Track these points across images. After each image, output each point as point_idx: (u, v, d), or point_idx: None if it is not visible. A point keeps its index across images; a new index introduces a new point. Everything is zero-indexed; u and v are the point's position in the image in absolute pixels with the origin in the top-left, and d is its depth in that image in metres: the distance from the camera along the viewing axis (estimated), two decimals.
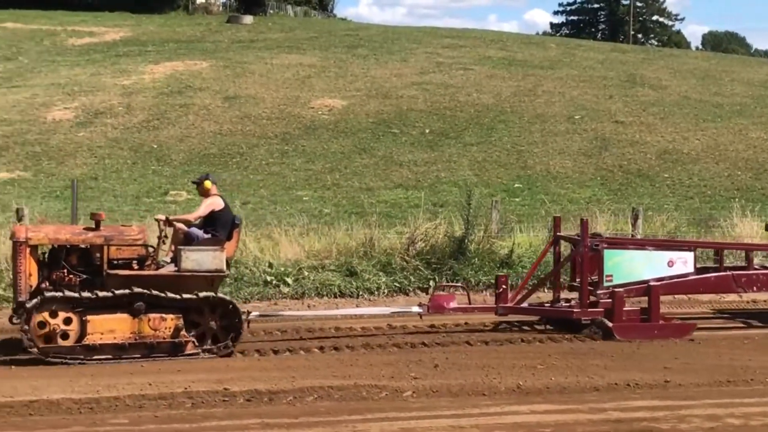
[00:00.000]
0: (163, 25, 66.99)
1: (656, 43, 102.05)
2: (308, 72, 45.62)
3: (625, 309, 14.00)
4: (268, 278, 16.92)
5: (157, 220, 13.27)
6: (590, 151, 32.96)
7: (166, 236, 13.15)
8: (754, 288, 15.07)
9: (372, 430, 9.25)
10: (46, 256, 12.92)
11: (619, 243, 15.27)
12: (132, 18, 69.57)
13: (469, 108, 38.54)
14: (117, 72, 45.93)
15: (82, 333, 12.16)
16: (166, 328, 12.39)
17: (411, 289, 16.66)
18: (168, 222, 13.14)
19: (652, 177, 30.38)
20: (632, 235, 18.61)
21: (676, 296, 16.43)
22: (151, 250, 12.99)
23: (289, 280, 16.90)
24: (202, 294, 12.50)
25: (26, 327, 11.99)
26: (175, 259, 12.76)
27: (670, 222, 20.82)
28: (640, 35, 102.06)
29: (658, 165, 31.71)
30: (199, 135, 35.23)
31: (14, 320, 12.52)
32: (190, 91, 41.42)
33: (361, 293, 16.95)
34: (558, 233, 15.45)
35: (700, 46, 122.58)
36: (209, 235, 13.15)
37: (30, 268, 12.40)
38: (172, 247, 13.23)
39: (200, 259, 12.60)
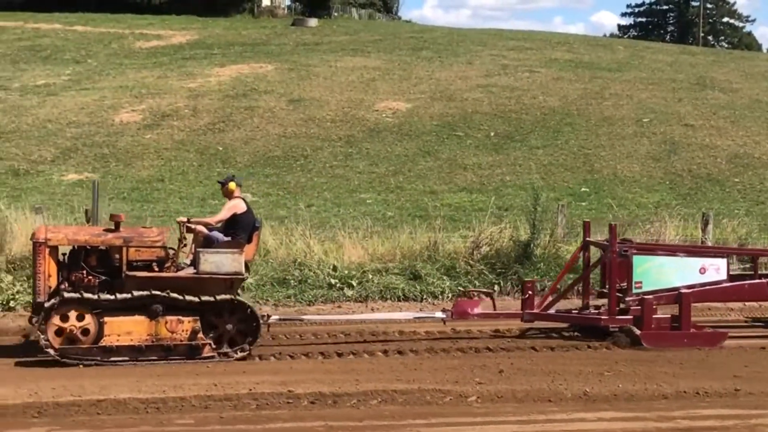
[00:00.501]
0: (229, 28, 67.50)
1: (726, 45, 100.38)
2: (372, 75, 45.64)
3: (655, 317, 13.67)
4: (332, 281, 16.92)
5: (178, 222, 13.27)
6: (659, 154, 32.48)
7: (185, 238, 13.12)
8: None
9: None
10: (66, 257, 12.89)
11: (649, 249, 14.89)
12: (198, 21, 70.22)
13: (534, 111, 38.25)
14: (183, 75, 46.37)
15: (99, 334, 12.18)
16: (183, 331, 12.35)
17: (475, 294, 16.49)
18: (188, 225, 13.15)
19: (722, 182, 29.86)
20: (702, 241, 18.25)
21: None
22: (171, 252, 12.99)
23: (353, 283, 16.89)
24: (219, 297, 12.46)
25: (44, 327, 12.05)
26: (194, 262, 12.75)
27: (741, 227, 20.38)
28: (710, 37, 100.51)
29: (728, 169, 31.13)
30: (264, 137, 35.42)
31: (33, 321, 12.54)
32: (255, 94, 41.67)
33: (425, 297, 16.88)
34: (587, 238, 15.14)
35: None
36: (229, 238, 13.11)
37: (49, 269, 12.42)
38: (193, 249, 13.22)
39: (219, 261, 12.52)
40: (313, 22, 71.83)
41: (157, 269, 12.72)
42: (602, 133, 34.82)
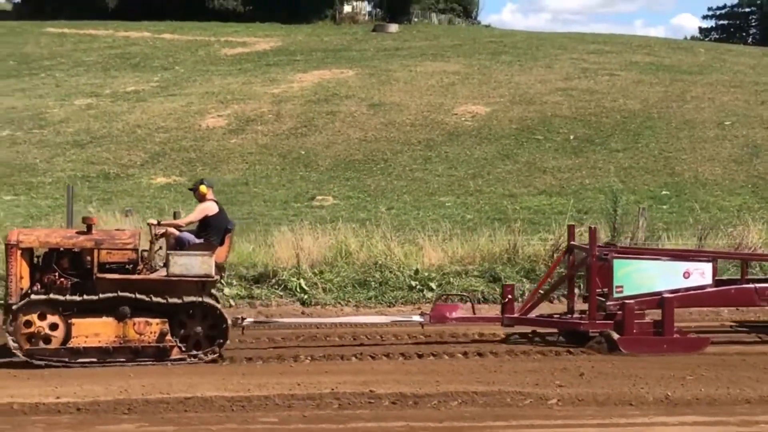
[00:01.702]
0: (311, 34, 67.96)
1: None
2: (452, 79, 45.57)
3: (637, 321, 13.07)
4: (413, 283, 16.89)
5: (149, 224, 13.18)
6: (741, 157, 31.82)
7: (157, 240, 13.03)
8: None
9: None
10: (40, 259, 12.79)
11: (631, 253, 14.34)
12: (281, 28, 70.81)
13: (615, 114, 37.81)
14: (267, 81, 46.80)
15: (68, 336, 12.12)
16: (151, 333, 12.23)
17: (555, 296, 16.28)
18: (158, 227, 13.07)
19: None
20: None
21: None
22: (145, 254, 12.89)
23: (433, 285, 16.84)
24: (187, 299, 12.34)
25: (11, 329, 12.04)
26: (165, 264, 12.63)
27: None
28: None
29: None
30: (345, 141, 35.54)
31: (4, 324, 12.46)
32: (336, 99, 41.87)
33: None
34: (572, 242, 14.65)
35: None
36: (201, 240, 13.00)
37: (21, 270, 12.38)
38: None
39: (188, 263, 12.40)
40: (393, 27, 71.96)
41: (130, 271, 12.58)
42: (683, 136, 34.26)
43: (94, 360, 12.09)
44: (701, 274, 13.50)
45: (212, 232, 13.04)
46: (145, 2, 77.09)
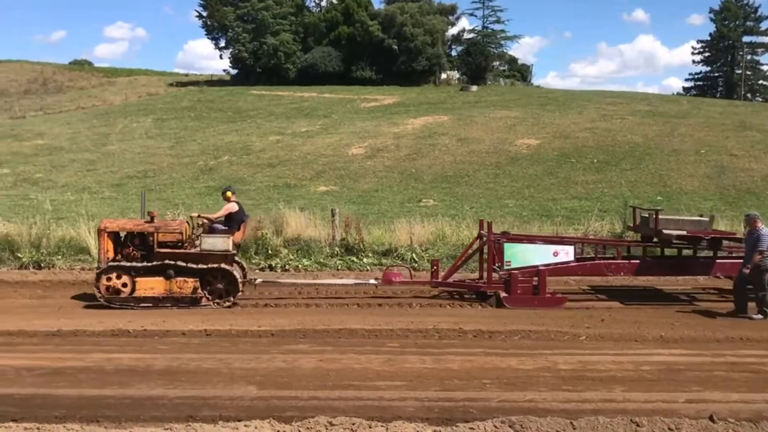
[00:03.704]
0: (420, 93, 68.01)
1: (761, 99, 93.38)
2: (513, 122, 44.98)
3: (520, 285, 12.36)
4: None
5: (191, 216, 13.16)
6: (712, 175, 30.74)
7: (199, 227, 12.95)
8: (621, 273, 13.08)
9: (558, 361, 8.95)
10: (123, 238, 12.79)
11: (516, 239, 13.32)
12: (400, 89, 71.10)
13: (624, 145, 36.82)
14: (390, 124, 46.99)
15: (133, 289, 12.08)
16: (187, 287, 12.10)
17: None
18: (200, 218, 13.03)
19: (758, 194, 27.94)
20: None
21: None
22: (192, 235, 12.78)
23: None
24: (212, 265, 12.18)
25: (97, 284, 12.09)
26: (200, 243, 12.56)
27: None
28: (749, 94, 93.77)
29: (763, 185, 29.19)
30: (441, 164, 35.43)
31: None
32: (436, 136, 41.77)
33: None
34: (481, 231, 13.71)
35: None
36: (225, 227, 12.91)
37: (107, 246, 12.38)
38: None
39: (214, 242, 12.29)
40: (474, 88, 71.63)
41: (178, 247, 12.45)
42: (672, 160, 33.30)
43: (150, 305, 12.02)
44: (566, 253, 12.87)
45: (233, 222, 12.97)
46: (312, 73, 78.33)
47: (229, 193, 13.17)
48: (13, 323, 10.51)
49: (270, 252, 15.75)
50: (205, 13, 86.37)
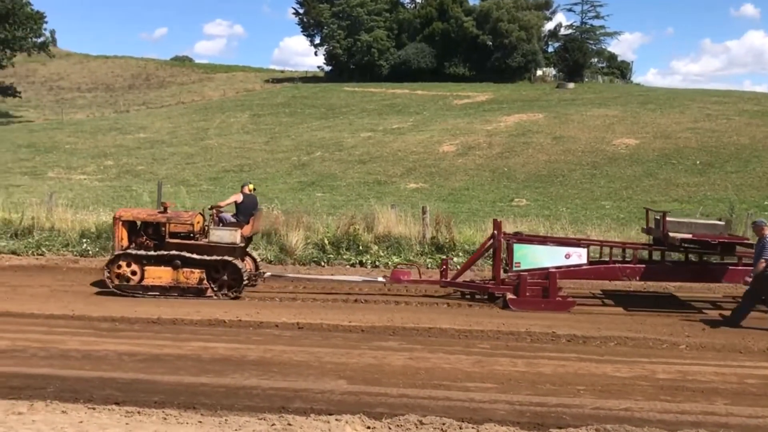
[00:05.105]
0: (514, 90, 67.12)
1: None
2: (611, 120, 43.80)
3: (529, 287, 12.01)
4: None
5: (210, 208, 13.21)
6: None
7: (213, 217, 13.02)
8: (636, 278, 12.44)
9: (656, 370, 8.65)
10: (137, 227, 12.98)
11: (526, 240, 12.80)
12: (494, 86, 70.38)
13: (730, 146, 35.23)
14: (483, 121, 46.62)
15: (142, 277, 12.27)
16: (193, 278, 12.24)
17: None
18: (212, 208, 13.14)
19: None
20: None
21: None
22: (205, 226, 12.89)
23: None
24: (217, 257, 12.24)
25: (108, 272, 12.33)
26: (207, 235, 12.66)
27: None
28: None
29: None
30: (535, 162, 34.90)
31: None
32: (530, 134, 41.16)
33: None
34: (494, 231, 13.09)
35: None
36: (234, 219, 12.95)
37: (122, 234, 12.68)
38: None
39: (221, 235, 12.43)
40: (571, 85, 70.11)
41: (189, 238, 12.61)
42: None
43: (157, 293, 12.25)
44: (579, 256, 12.40)
45: (241, 214, 13.08)
46: (405, 70, 78.59)
47: (250, 186, 13.48)
48: (116, 310, 11.05)
49: (361, 248, 15.89)
50: (301, 11, 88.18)
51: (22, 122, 59.66)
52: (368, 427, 6.53)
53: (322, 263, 15.38)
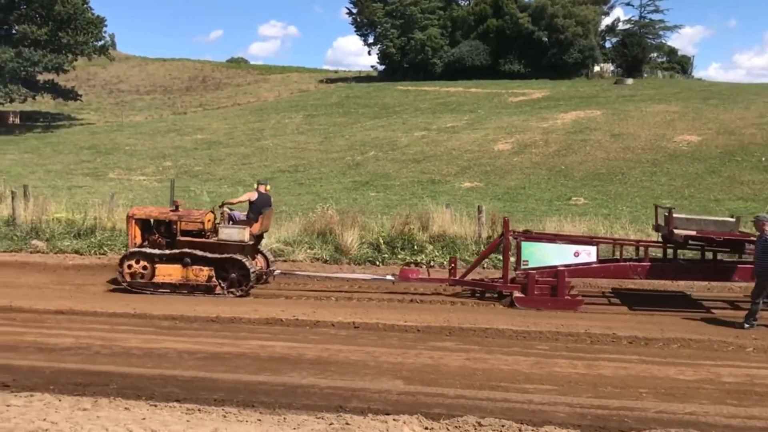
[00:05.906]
0: (571, 86, 66.11)
1: None
2: (672, 117, 42.76)
3: (538, 285, 11.92)
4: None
5: (221, 205, 13.22)
6: None
7: (223, 215, 13.07)
8: (648, 276, 12.16)
9: (722, 373, 8.42)
10: (151, 225, 13.14)
11: (533, 238, 12.55)
12: (550, 83, 69.46)
13: None
14: (539, 118, 46.06)
15: (152, 275, 12.41)
16: (203, 276, 12.35)
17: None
18: (226, 204, 13.17)
19: None
20: None
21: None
22: (216, 224, 12.93)
23: None
24: (226, 255, 12.31)
25: (120, 269, 12.51)
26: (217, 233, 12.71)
27: None
28: None
29: None
30: (593, 160, 34.33)
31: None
32: (587, 131, 40.50)
33: None
34: (504, 230, 12.84)
35: None
36: (244, 218, 12.92)
37: (135, 232, 12.92)
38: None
39: (230, 233, 12.52)
40: (629, 81, 68.81)
41: (200, 236, 12.75)
42: None
43: (168, 291, 12.43)
44: (588, 254, 12.20)
45: (252, 212, 13.08)
46: (459, 67, 78.23)
47: (257, 185, 13.53)
48: (176, 308, 11.30)
49: (416, 248, 15.87)
50: (355, 10, 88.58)
51: (83, 125, 61.51)
52: (426, 428, 6.52)
53: (377, 263, 15.41)
